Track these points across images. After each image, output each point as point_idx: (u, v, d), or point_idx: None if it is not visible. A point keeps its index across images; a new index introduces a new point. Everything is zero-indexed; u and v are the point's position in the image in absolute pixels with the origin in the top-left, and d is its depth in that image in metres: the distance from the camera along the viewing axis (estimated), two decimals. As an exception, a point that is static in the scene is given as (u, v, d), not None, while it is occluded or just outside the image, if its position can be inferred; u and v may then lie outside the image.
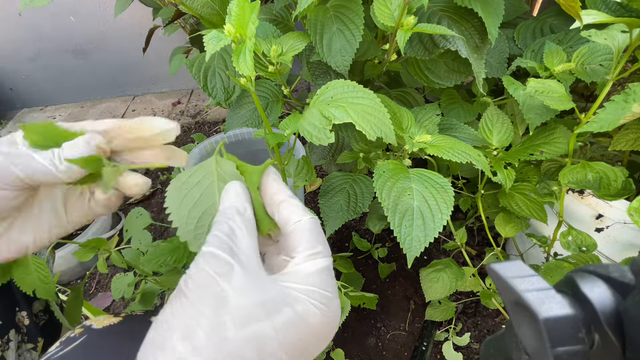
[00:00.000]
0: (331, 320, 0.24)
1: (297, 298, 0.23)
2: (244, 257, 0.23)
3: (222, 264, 0.22)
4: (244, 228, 0.25)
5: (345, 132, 0.57)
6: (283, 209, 0.27)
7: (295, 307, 0.22)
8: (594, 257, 0.57)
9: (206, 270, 0.22)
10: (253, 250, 0.24)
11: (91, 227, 1.01)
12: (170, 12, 0.95)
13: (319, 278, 0.24)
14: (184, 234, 0.27)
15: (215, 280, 0.21)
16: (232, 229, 0.24)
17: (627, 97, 0.44)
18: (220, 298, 0.21)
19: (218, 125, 1.59)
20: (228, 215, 0.25)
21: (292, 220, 0.26)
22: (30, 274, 0.45)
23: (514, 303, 0.17)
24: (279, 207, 0.27)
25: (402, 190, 0.45)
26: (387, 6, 0.49)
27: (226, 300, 0.21)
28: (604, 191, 0.51)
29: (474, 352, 0.78)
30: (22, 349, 0.47)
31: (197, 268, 0.22)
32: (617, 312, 0.15)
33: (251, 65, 0.37)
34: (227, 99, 0.59)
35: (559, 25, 0.65)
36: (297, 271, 0.24)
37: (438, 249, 0.98)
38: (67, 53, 1.71)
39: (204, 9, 0.55)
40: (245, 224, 0.25)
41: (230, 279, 0.22)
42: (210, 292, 0.21)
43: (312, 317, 0.23)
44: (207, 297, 0.21)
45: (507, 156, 0.57)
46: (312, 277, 0.24)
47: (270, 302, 0.22)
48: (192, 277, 0.22)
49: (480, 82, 0.54)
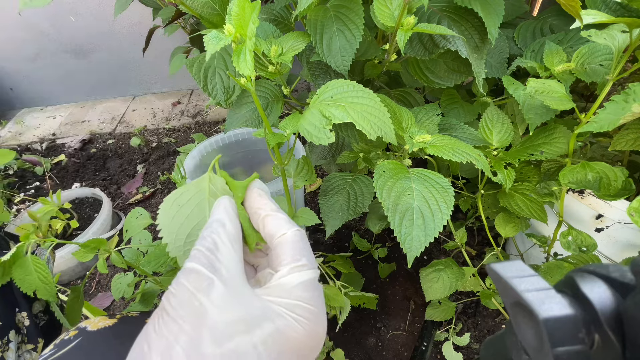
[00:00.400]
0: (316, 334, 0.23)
1: (278, 312, 0.22)
2: (226, 271, 0.23)
3: (202, 279, 0.22)
4: (227, 242, 0.24)
5: (345, 132, 0.57)
6: (268, 223, 0.27)
7: (276, 322, 0.22)
8: (594, 257, 0.57)
9: (186, 286, 0.22)
10: (236, 264, 0.24)
11: (91, 227, 1.01)
12: (170, 12, 0.95)
13: (303, 292, 0.24)
14: (174, 249, 0.27)
15: (195, 295, 0.21)
16: (216, 243, 0.24)
17: (627, 97, 0.44)
18: (199, 313, 0.21)
19: (218, 125, 1.59)
20: (213, 230, 0.25)
21: (277, 233, 0.26)
22: (30, 274, 0.45)
23: (514, 303, 0.17)
24: (264, 221, 0.27)
25: (402, 190, 0.45)
26: (387, 6, 0.49)
27: (205, 315, 0.21)
28: (604, 191, 0.51)
29: (474, 352, 0.78)
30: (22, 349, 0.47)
31: (177, 284, 0.22)
32: (617, 312, 0.15)
33: (251, 65, 0.37)
34: (227, 99, 0.59)
35: (559, 25, 0.65)
36: (280, 284, 0.24)
37: (438, 249, 0.98)
38: (67, 53, 1.72)
39: (204, 9, 0.55)
40: (230, 238, 0.25)
41: (210, 294, 0.22)
42: (190, 308, 0.21)
43: (294, 332, 0.22)
44: (186, 313, 0.21)
45: (507, 156, 0.57)
46: (295, 290, 0.24)
47: (251, 317, 0.22)
48: (173, 293, 0.22)
49: (480, 82, 0.54)
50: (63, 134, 1.68)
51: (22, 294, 0.46)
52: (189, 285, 0.22)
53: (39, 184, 1.40)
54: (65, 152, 1.55)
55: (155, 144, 1.54)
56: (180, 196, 0.28)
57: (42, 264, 0.46)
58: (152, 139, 1.57)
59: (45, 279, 0.46)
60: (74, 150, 1.56)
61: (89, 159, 1.50)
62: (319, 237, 1.03)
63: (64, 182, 1.41)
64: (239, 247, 0.25)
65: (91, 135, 1.64)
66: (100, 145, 1.58)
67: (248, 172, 1.06)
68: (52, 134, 1.68)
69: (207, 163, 0.95)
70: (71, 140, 1.62)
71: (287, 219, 0.27)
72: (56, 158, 1.52)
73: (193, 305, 0.21)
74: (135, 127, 1.64)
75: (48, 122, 1.78)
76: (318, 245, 1.02)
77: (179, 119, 1.66)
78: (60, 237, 1.07)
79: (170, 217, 0.28)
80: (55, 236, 0.52)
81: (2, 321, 0.46)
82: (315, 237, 1.04)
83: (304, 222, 0.56)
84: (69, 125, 1.74)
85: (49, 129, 1.72)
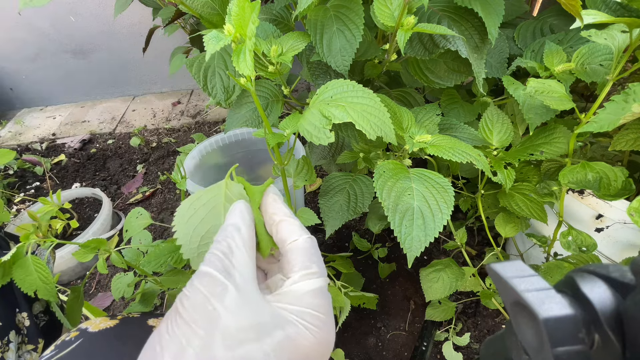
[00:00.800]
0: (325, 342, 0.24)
1: (288, 320, 0.23)
2: (239, 276, 0.23)
3: (216, 284, 0.22)
4: (242, 247, 0.25)
5: (345, 132, 0.57)
6: (281, 229, 0.27)
7: (287, 329, 0.22)
8: (594, 257, 0.57)
9: (200, 290, 0.22)
10: (249, 270, 0.24)
11: (91, 227, 1.01)
12: (170, 12, 0.95)
13: (312, 299, 0.24)
14: (187, 251, 0.28)
15: (209, 300, 0.22)
16: (230, 247, 0.24)
17: (627, 97, 0.44)
18: (212, 318, 0.21)
19: (218, 125, 1.59)
20: (228, 234, 0.25)
21: (289, 239, 0.27)
22: (31, 274, 0.45)
23: (514, 303, 0.17)
24: (278, 226, 0.28)
25: (402, 190, 0.45)
26: (387, 6, 0.49)
27: (218, 320, 0.21)
28: (604, 191, 0.51)
29: (474, 352, 0.78)
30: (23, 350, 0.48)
31: (192, 287, 0.23)
32: (617, 312, 0.15)
33: (251, 65, 0.37)
34: (227, 99, 0.59)
35: (559, 25, 0.65)
36: (290, 291, 0.24)
37: (438, 249, 0.98)
38: (67, 53, 1.72)
39: (204, 9, 0.55)
40: (244, 243, 0.25)
41: (223, 299, 0.22)
42: (203, 312, 0.21)
43: (304, 340, 0.23)
44: (200, 317, 0.21)
45: (507, 156, 0.57)
46: (305, 298, 0.24)
47: (262, 324, 0.22)
48: (187, 295, 0.22)
49: (480, 82, 0.54)
50: (63, 134, 1.68)
51: (22, 294, 0.46)
52: (203, 289, 0.22)
53: (39, 184, 1.40)
54: (65, 152, 1.55)
55: (155, 144, 1.54)
56: (197, 200, 0.29)
57: (42, 264, 0.46)
58: (152, 139, 1.57)
59: (46, 279, 0.46)
60: (74, 150, 1.56)
61: (89, 159, 1.50)
62: (319, 237, 1.03)
63: (64, 182, 1.41)
64: (252, 252, 0.26)
65: (91, 135, 1.64)
66: (100, 145, 1.58)
67: (248, 172, 1.06)
68: (52, 134, 1.68)
69: (207, 163, 0.95)
70: (71, 140, 1.62)
71: (300, 225, 0.28)
72: (56, 158, 1.52)
73: (206, 310, 0.21)
74: (135, 127, 1.64)
75: (48, 122, 1.78)
76: (318, 245, 1.02)
77: (179, 119, 1.66)
78: (60, 237, 1.07)
79: (186, 220, 0.28)
80: (55, 236, 0.52)
81: (2, 321, 0.46)
82: (315, 237, 1.04)
83: (304, 222, 0.56)
84: (69, 125, 1.74)
85: (49, 129, 1.72)
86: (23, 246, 0.46)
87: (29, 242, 0.47)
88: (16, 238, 0.58)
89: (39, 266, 0.46)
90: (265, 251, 0.29)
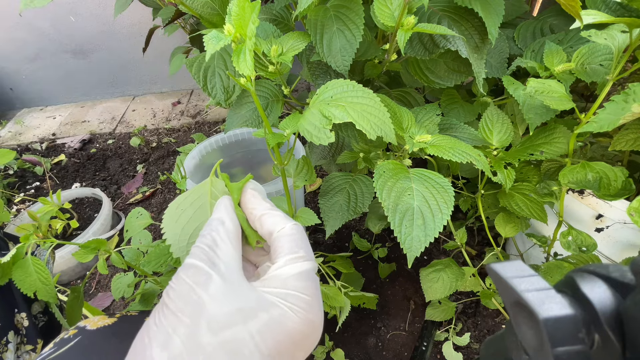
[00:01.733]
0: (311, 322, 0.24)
1: (272, 302, 0.23)
2: (224, 266, 0.24)
3: (200, 274, 0.23)
4: (226, 239, 0.25)
5: (345, 132, 0.57)
6: (264, 222, 0.28)
7: (271, 311, 0.23)
8: (594, 257, 0.57)
9: (185, 281, 0.23)
10: (234, 260, 0.25)
11: (91, 227, 1.01)
12: (170, 12, 0.95)
13: (297, 282, 0.24)
14: (177, 250, 0.28)
15: (194, 289, 0.22)
16: (215, 240, 0.25)
17: (627, 97, 0.44)
18: (197, 306, 0.22)
19: (218, 125, 1.59)
20: (212, 227, 0.26)
21: (275, 229, 0.27)
22: (30, 275, 0.45)
23: (514, 303, 0.17)
24: (260, 220, 0.28)
25: (402, 190, 0.45)
26: (387, 6, 0.49)
27: (203, 308, 0.22)
28: (604, 191, 0.51)
29: (474, 352, 0.78)
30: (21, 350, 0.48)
31: (177, 279, 0.23)
32: (617, 312, 0.15)
33: (251, 65, 0.37)
34: (227, 99, 0.59)
35: (559, 25, 0.65)
36: (275, 276, 0.25)
37: (438, 249, 0.98)
38: (67, 53, 1.72)
39: (204, 9, 0.55)
40: (229, 235, 0.26)
41: (208, 287, 0.22)
42: (188, 301, 0.22)
43: (289, 321, 0.23)
44: (185, 306, 0.22)
45: (507, 156, 0.57)
46: (290, 281, 0.24)
47: (247, 308, 0.22)
48: (173, 287, 0.23)
49: (480, 82, 0.54)
50: (63, 134, 1.68)
51: (21, 294, 0.46)
52: (188, 280, 0.23)
53: (39, 184, 1.40)
54: (65, 152, 1.55)
55: (155, 144, 1.54)
56: (184, 200, 0.29)
57: (42, 265, 0.46)
58: (152, 139, 1.57)
59: (46, 280, 0.46)
60: (74, 150, 1.56)
61: (89, 159, 1.50)
62: (319, 237, 1.03)
63: (64, 182, 1.41)
64: (237, 243, 0.26)
65: (91, 135, 1.64)
66: (100, 145, 1.58)
67: (248, 172, 1.06)
68: (52, 134, 1.68)
69: (207, 163, 0.95)
70: (71, 140, 1.62)
71: (283, 215, 0.28)
72: (56, 158, 1.52)
73: (191, 299, 0.22)
74: (135, 127, 1.64)
75: (48, 122, 1.78)
76: (318, 245, 1.02)
77: (179, 119, 1.66)
78: (60, 237, 1.07)
79: (174, 220, 0.29)
80: (55, 236, 0.52)
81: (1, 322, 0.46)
82: (315, 237, 1.04)
83: (304, 222, 0.56)
84: (68, 125, 1.74)
85: (49, 129, 1.72)
86: (23, 247, 0.46)
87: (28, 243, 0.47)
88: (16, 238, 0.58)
89: (38, 267, 0.46)
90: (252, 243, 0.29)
